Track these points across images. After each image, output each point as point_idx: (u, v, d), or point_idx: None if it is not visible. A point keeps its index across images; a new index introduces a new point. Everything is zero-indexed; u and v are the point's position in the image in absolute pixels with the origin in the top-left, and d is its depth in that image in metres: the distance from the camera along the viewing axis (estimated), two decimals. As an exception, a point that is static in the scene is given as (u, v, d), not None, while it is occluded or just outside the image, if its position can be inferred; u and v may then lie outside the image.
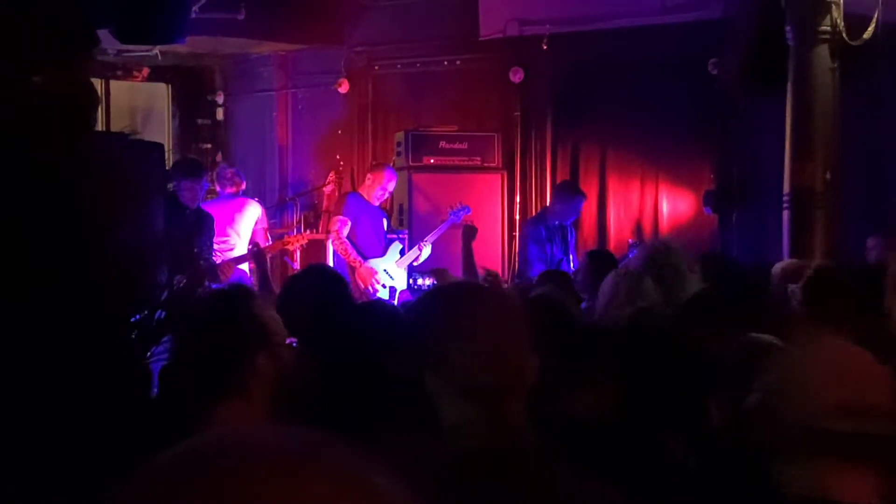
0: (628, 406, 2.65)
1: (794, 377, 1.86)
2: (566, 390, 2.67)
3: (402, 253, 8.70)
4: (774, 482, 1.78)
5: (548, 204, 9.52)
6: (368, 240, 8.58)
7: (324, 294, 4.10)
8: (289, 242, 8.15)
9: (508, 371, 1.96)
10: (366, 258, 8.46)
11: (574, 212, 8.76)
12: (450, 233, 9.06)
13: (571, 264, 8.41)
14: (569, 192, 8.86)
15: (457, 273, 8.22)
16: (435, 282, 7.38)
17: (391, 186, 8.84)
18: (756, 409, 1.87)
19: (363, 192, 8.80)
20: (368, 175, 8.91)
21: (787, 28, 7.37)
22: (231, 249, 8.26)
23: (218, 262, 7.74)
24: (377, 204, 8.85)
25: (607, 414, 2.63)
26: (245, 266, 8.02)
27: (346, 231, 8.48)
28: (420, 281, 8.05)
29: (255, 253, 7.49)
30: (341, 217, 8.52)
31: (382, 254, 8.55)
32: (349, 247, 8.44)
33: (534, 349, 2.03)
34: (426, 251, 8.73)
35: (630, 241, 8.98)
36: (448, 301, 2.10)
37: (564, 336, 2.94)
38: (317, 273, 4.68)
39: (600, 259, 6.38)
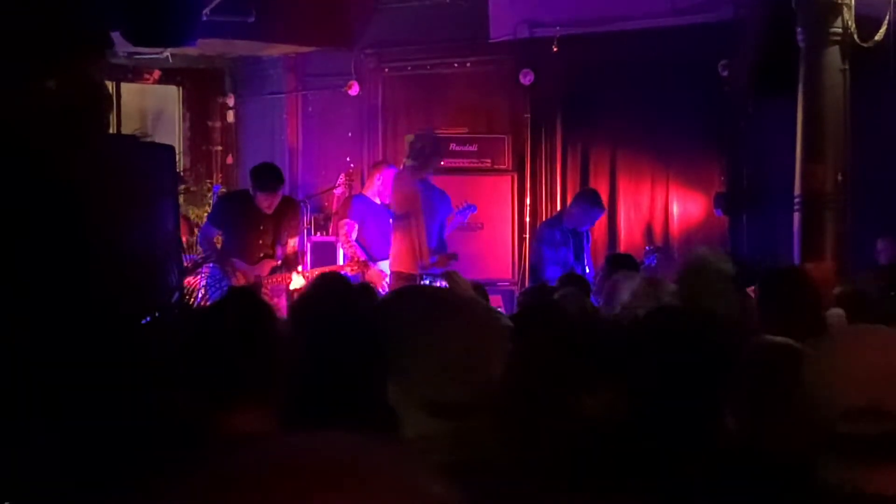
0: (642, 407, 2.63)
1: (817, 376, 1.83)
2: (582, 391, 2.66)
3: None
4: (800, 482, 1.77)
5: (567, 207, 9.47)
6: (376, 241, 8.58)
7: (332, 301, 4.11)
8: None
9: (475, 386, 1.89)
10: (375, 260, 8.47)
11: (589, 221, 8.73)
12: (455, 234, 9.07)
13: (586, 269, 8.39)
14: (589, 200, 8.83)
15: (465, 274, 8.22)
16: (447, 285, 7.36)
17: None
18: (780, 410, 1.85)
19: (368, 193, 8.84)
20: (374, 175, 8.93)
21: (798, 30, 7.35)
22: None
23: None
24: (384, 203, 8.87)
25: (622, 415, 2.62)
26: None
27: (354, 234, 8.50)
28: (431, 283, 8.02)
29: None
30: (348, 220, 8.55)
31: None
32: (358, 249, 8.46)
33: (503, 360, 1.97)
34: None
35: (647, 247, 8.96)
36: (412, 309, 2.01)
37: (584, 337, 2.93)
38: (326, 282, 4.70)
39: (619, 263, 6.40)
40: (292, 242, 8.04)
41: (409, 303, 2.09)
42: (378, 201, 8.74)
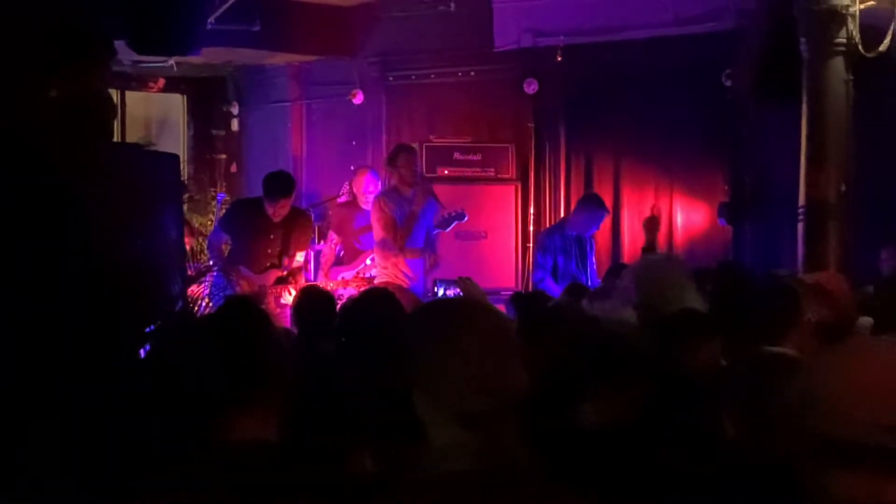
0: (642, 416, 2.64)
1: (824, 387, 1.82)
2: (580, 400, 2.67)
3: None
4: (798, 492, 1.76)
5: (570, 214, 9.48)
6: (349, 250, 8.76)
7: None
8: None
9: (501, 394, 1.94)
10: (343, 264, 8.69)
11: (593, 224, 8.72)
12: (458, 243, 9.11)
13: (588, 277, 8.38)
14: (591, 204, 8.84)
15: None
16: (458, 292, 7.33)
17: (372, 189, 9.01)
18: (781, 419, 1.84)
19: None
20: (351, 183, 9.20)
21: (802, 40, 7.35)
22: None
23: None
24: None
25: (622, 423, 2.62)
26: None
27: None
28: (443, 290, 8.00)
29: None
30: (331, 231, 8.77)
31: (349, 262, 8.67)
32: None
33: (524, 367, 2.00)
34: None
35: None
36: (440, 322, 2.05)
37: (579, 346, 2.93)
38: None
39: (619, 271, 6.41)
40: (299, 256, 8.06)
41: (435, 314, 2.13)
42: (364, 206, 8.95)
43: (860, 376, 1.79)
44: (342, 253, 8.89)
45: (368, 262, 8.69)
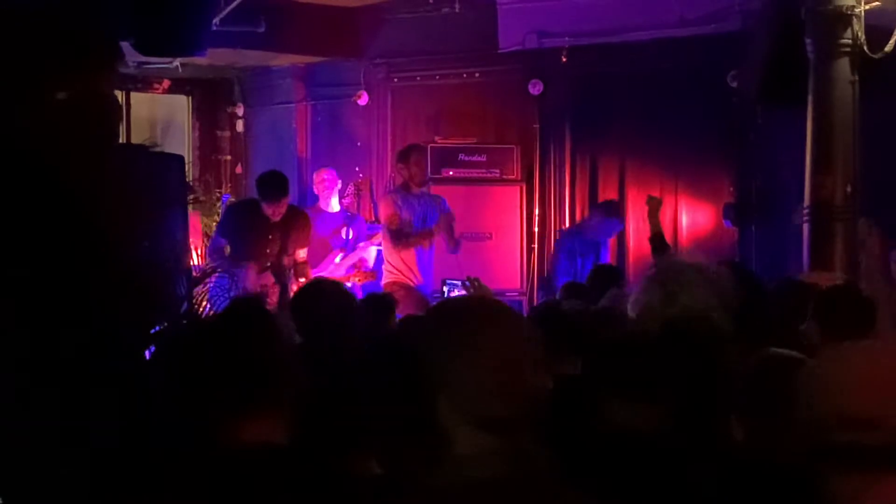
0: (657, 420, 2.63)
1: (816, 388, 1.82)
2: (595, 404, 2.66)
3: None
4: (803, 496, 1.75)
5: (587, 218, 9.49)
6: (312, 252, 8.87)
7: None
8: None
9: (525, 397, 1.90)
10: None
11: (606, 233, 8.83)
12: (463, 243, 9.11)
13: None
14: (609, 212, 8.91)
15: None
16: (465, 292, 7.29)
17: (326, 184, 9.22)
18: (786, 422, 1.83)
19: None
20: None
21: (807, 41, 7.33)
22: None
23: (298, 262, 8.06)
24: (338, 209, 9.31)
25: (638, 428, 2.61)
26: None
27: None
28: (452, 290, 7.98)
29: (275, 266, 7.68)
30: None
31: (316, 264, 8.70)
32: None
33: (546, 370, 1.97)
34: (371, 252, 8.89)
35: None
36: (458, 323, 1.99)
37: (591, 349, 2.93)
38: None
39: (604, 273, 6.51)
40: (301, 253, 8.07)
41: (452, 315, 2.07)
42: (328, 208, 9.21)
43: (859, 376, 1.79)
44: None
45: (338, 260, 8.75)
